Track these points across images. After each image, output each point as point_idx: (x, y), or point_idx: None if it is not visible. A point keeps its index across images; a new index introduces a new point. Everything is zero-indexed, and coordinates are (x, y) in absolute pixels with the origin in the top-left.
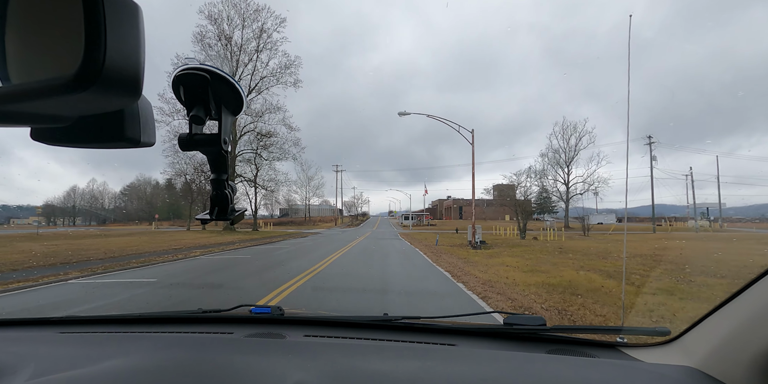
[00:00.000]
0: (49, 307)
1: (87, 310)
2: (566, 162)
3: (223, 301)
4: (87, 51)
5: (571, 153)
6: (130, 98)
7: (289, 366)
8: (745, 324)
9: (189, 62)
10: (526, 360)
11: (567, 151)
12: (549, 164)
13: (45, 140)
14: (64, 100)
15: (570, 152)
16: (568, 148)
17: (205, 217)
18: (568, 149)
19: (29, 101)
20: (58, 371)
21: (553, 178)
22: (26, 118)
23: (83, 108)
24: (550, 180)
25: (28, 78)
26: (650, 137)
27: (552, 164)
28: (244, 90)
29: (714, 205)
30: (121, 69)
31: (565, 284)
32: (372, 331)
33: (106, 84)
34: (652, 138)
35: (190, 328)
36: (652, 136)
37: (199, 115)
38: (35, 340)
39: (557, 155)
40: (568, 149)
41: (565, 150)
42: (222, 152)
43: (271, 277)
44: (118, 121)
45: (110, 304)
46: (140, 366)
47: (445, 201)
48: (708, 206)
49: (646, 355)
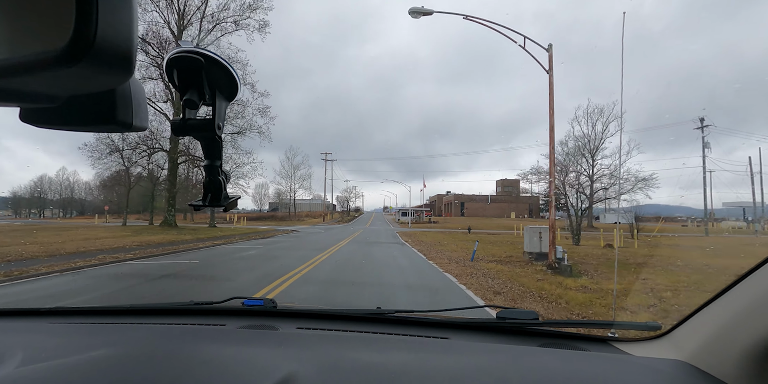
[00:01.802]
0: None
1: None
2: (591, 151)
3: None
4: (77, 24)
5: (597, 141)
6: (123, 75)
7: (281, 356)
8: (734, 318)
9: (183, 45)
10: (519, 353)
11: (594, 138)
12: (569, 154)
13: (35, 122)
14: (53, 77)
15: (596, 140)
16: (595, 136)
17: (198, 203)
18: (595, 137)
19: (17, 76)
20: (47, 360)
21: (574, 170)
22: (13, 96)
23: (73, 86)
24: (571, 172)
25: (15, 52)
26: (702, 120)
27: (573, 154)
28: (239, 74)
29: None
30: (113, 43)
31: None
32: (365, 325)
33: (97, 59)
34: (705, 120)
35: (182, 320)
36: (704, 118)
37: (192, 99)
38: (24, 329)
39: (579, 143)
40: (594, 137)
41: (589, 137)
42: (216, 138)
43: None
44: (109, 103)
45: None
46: (130, 355)
47: (445, 196)
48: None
49: (637, 349)
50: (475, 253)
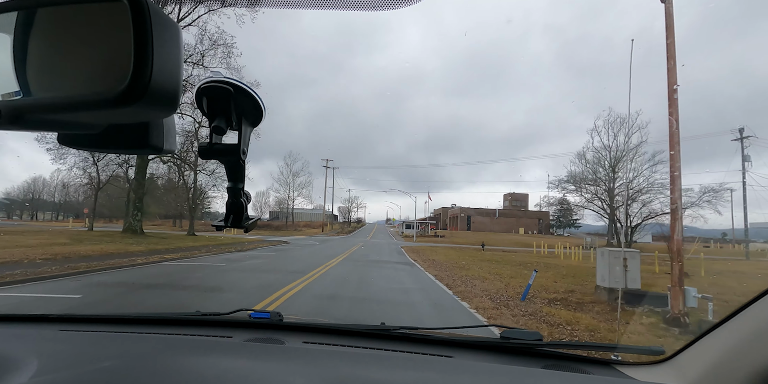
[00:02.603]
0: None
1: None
2: (611, 163)
3: None
4: (135, 68)
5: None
6: (168, 112)
7: (289, 371)
8: (738, 345)
9: (214, 75)
10: (522, 374)
11: (616, 149)
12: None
13: (72, 145)
14: (107, 114)
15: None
16: (617, 146)
17: (219, 224)
18: (617, 147)
19: (77, 112)
20: (60, 369)
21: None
22: (61, 125)
23: (119, 119)
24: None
25: (77, 91)
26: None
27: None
28: (264, 102)
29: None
30: (164, 86)
31: None
32: (370, 340)
33: (150, 99)
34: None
35: (189, 331)
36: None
37: (220, 125)
38: (37, 336)
39: (599, 154)
40: (616, 147)
41: (610, 148)
42: (240, 162)
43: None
44: (143, 129)
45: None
46: (140, 367)
47: (451, 209)
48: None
49: (640, 374)
50: (521, 284)
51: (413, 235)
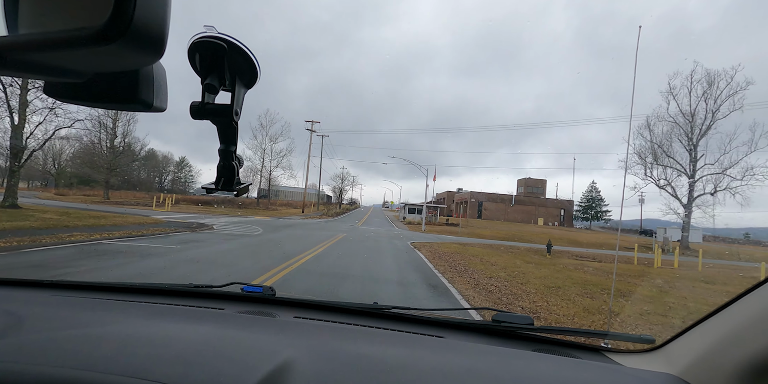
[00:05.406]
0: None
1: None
2: (692, 140)
3: None
4: (117, 3)
5: (703, 125)
6: (152, 56)
7: (279, 343)
8: (728, 336)
9: (208, 30)
10: (512, 356)
11: (705, 118)
12: (656, 142)
13: (58, 96)
14: (86, 53)
15: (703, 121)
16: (707, 113)
17: (210, 186)
18: (707, 114)
19: (52, 51)
20: (53, 330)
21: (662, 164)
22: (43, 69)
23: (103, 63)
24: (659, 165)
25: (53, 27)
26: None
27: (663, 141)
28: (259, 62)
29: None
30: (148, 25)
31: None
32: (362, 318)
33: (132, 39)
34: None
35: (182, 301)
36: None
37: (213, 84)
38: (27, 300)
39: (677, 127)
40: (707, 114)
41: (692, 118)
42: (232, 123)
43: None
44: (132, 82)
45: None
46: (133, 333)
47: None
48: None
49: (630, 361)
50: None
51: (419, 222)
